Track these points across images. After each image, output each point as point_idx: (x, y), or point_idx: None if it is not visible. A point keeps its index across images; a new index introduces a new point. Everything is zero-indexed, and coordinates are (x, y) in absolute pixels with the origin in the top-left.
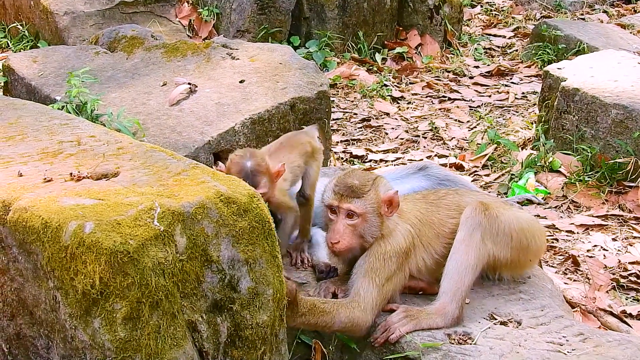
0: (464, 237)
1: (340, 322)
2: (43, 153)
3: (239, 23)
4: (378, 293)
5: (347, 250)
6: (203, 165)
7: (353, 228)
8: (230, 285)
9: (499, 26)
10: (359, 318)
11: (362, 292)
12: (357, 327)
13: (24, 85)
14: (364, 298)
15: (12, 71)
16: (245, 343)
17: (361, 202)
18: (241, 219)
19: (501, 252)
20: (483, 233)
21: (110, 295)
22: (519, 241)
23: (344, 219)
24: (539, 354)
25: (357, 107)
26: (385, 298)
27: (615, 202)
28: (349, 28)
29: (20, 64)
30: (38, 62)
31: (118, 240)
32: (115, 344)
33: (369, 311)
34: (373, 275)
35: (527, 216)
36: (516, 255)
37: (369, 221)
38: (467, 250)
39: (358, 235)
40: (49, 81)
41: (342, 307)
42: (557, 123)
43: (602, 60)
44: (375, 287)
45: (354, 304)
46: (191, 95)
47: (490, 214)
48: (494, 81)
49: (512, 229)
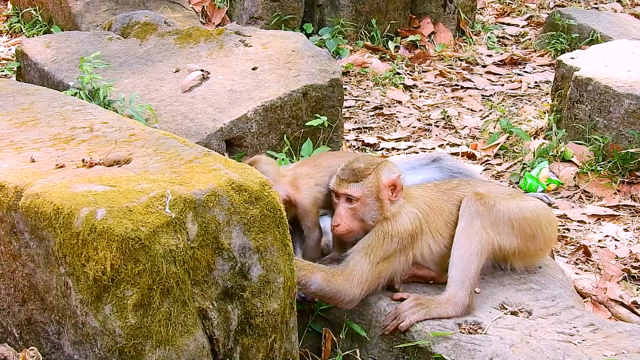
0: (465, 226)
1: (317, 284)
2: (56, 139)
3: (252, 10)
4: (369, 269)
5: (347, 233)
6: (215, 152)
7: (353, 211)
8: (241, 272)
9: (512, 15)
10: (340, 286)
11: (351, 263)
12: (337, 296)
13: (37, 71)
14: (351, 269)
15: (26, 56)
16: (256, 331)
17: (358, 187)
18: (252, 207)
19: (506, 240)
20: (482, 221)
21: (121, 282)
22: (522, 230)
23: (344, 202)
24: (549, 344)
25: (369, 95)
26: (378, 277)
27: (627, 193)
28: (362, 15)
29: (34, 49)
30: (51, 47)
31: (130, 227)
32: (126, 331)
33: (355, 284)
34: (368, 251)
35: (533, 205)
36: (524, 245)
37: (368, 205)
38: (469, 238)
39: (358, 218)
40: (62, 67)
41: (321, 270)
42: (569, 113)
43: (616, 50)
44: (367, 263)
45: (337, 271)
46: (204, 82)
47: (486, 202)
48: (507, 70)
49: (512, 218)
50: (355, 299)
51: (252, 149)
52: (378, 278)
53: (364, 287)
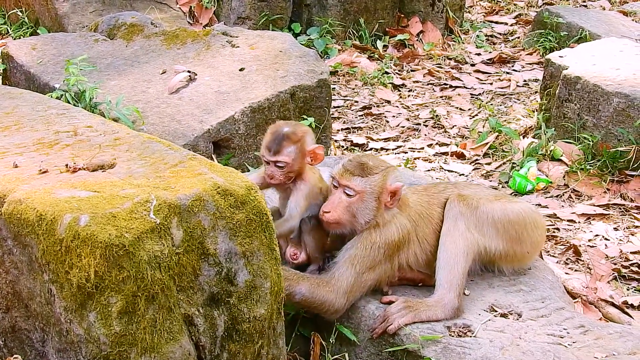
0: (449, 228)
1: (302, 294)
2: (39, 143)
3: (239, 10)
4: (355, 279)
5: (335, 223)
6: (200, 156)
7: (348, 204)
8: (227, 278)
9: (501, 13)
10: (325, 297)
11: (337, 274)
12: (322, 306)
13: (22, 73)
14: (337, 280)
15: (11, 58)
16: (243, 336)
17: (362, 181)
18: (238, 212)
19: (491, 243)
20: (466, 222)
21: (105, 289)
22: (507, 232)
23: (342, 193)
24: (539, 346)
25: (358, 95)
26: (363, 286)
27: (617, 191)
28: (350, 15)
29: (19, 51)
30: (37, 49)
31: (113, 233)
32: (111, 338)
33: (340, 294)
34: (355, 261)
35: (518, 208)
36: (510, 247)
37: (365, 202)
38: (454, 239)
39: (351, 212)
40: (48, 69)
41: (305, 280)
42: (558, 111)
43: (604, 49)
44: (353, 273)
45: (322, 282)
46: (191, 84)
47: (469, 204)
48: (496, 68)
49: (496, 220)
50: (341, 309)
51: (240, 150)
52: (363, 287)
53: (349, 297)
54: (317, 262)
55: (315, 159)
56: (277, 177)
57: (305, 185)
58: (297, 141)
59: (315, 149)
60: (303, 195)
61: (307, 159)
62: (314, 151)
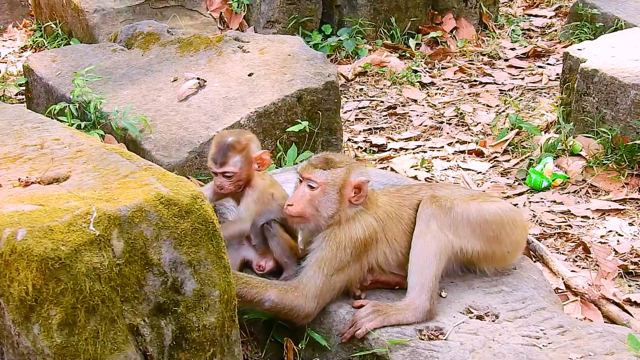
0: (422, 229)
1: (271, 300)
2: (4, 158)
3: (268, 14)
4: (323, 282)
5: (299, 217)
6: (156, 166)
7: (311, 197)
8: (173, 287)
9: (541, 6)
10: (294, 302)
11: (305, 278)
12: (292, 312)
13: (42, 85)
14: (305, 284)
15: (32, 71)
16: (193, 345)
17: (323, 174)
18: (183, 221)
19: (468, 243)
20: (439, 223)
21: (44, 302)
22: (484, 232)
23: (306, 186)
24: (512, 348)
25: (385, 95)
26: (333, 288)
27: (635, 185)
28: (381, 14)
29: (39, 64)
30: (57, 61)
31: (49, 246)
32: (53, 350)
33: (310, 298)
34: (322, 264)
35: (495, 207)
36: (488, 248)
37: (327, 195)
38: (426, 241)
39: (314, 205)
40: (65, 80)
41: (273, 287)
42: (577, 105)
43: (626, 39)
44: (321, 276)
45: (290, 288)
46: (200, 90)
47: (442, 204)
48: (529, 63)
49: (471, 220)
50: (312, 313)
51: None
52: (333, 290)
53: (319, 300)
54: (289, 267)
55: (263, 164)
56: (226, 187)
57: (253, 190)
58: (242, 150)
59: (261, 155)
60: (252, 199)
61: (254, 166)
62: (261, 157)
